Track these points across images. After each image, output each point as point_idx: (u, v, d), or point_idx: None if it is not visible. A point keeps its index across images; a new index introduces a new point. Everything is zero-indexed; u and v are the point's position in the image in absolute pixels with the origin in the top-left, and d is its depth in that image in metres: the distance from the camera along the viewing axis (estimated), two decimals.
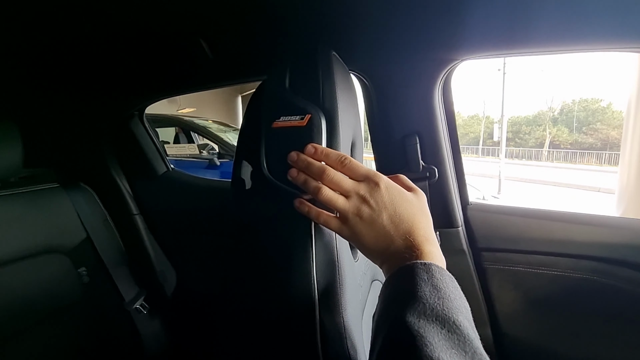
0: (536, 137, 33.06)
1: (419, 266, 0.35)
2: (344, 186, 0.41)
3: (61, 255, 0.95)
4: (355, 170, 0.41)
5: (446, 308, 0.31)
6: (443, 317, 0.30)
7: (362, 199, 0.40)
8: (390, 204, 0.39)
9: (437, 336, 0.28)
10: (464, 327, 0.29)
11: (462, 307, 0.33)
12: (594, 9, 0.58)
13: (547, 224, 0.82)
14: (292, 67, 0.50)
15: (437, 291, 0.32)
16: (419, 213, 0.40)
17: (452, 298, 0.32)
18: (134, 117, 1.08)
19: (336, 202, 0.40)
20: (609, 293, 0.75)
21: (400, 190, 0.41)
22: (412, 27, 0.67)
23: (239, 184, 0.54)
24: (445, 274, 0.35)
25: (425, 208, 0.42)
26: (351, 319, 0.43)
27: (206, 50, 0.76)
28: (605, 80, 45.85)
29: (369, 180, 0.40)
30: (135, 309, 1.06)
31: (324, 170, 0.41)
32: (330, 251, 0.44)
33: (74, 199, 1.00)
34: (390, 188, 0.40)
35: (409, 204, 0.40)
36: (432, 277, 0.34)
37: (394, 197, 0.39)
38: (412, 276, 0.34)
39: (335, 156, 0.42)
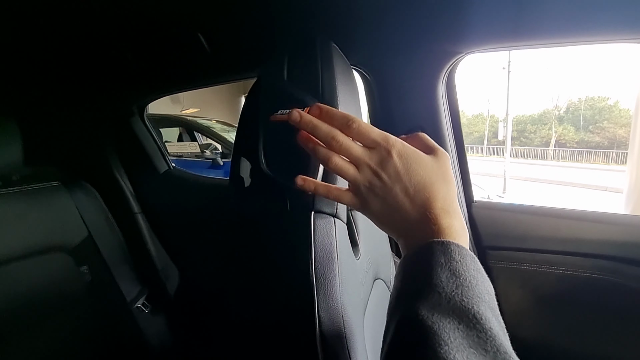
0: (542, 136, 32.79)
1: (436, 246, 0.31)
2: (354, 154, 0.35)
3: (63, 253, 0.95)
4: (365, 135, 0.35)
5: (465, 298, 0.27)
6: (461, 309, 0.26)
7: (373, 171, 0.35)
8: (405, 173, 0.34)
9: (453, 333, 0.25)
10: (485, 320, 0.26)
11: (485, 294, 0.28)
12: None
13: (553, 222, 0.80)
14: (290, 58, 0.49)
15: (456, 277, 0.28)
16: (437, 181, 0.35)
17: (472, 284, 0.28)
18: (134, 115, 1.08)
19: (347, 172, 0.36)
20: (618, 291, 0.73)
21: (417, 156, 0.35)
22: (414, 18, 0.65)
23: (237, 180, 0.53)
24: (465, 254, 0.31)
25: (446, 173, 0.36)
26: (351, 318, 0.42)
27: (204, 44, 0.75)
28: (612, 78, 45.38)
29: (379, 147, 0.35)
30: (138, 307, 1.06)
31: (333, 135, 0.35)
32: (330, 248, 0.43)
33: (76, 197, 1.00)
34: (404, 155, 0.34)
35: (426, 171, 0.34)
36: (450, 259, 0.30)
37: (408, 166, 0.34)
38: (428, 259, 0.30)
39: (342, 118, 0.36)
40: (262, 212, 0.50)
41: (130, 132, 1.08)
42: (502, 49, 0.68)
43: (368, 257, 0.62)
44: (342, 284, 0.42)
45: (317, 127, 0.36)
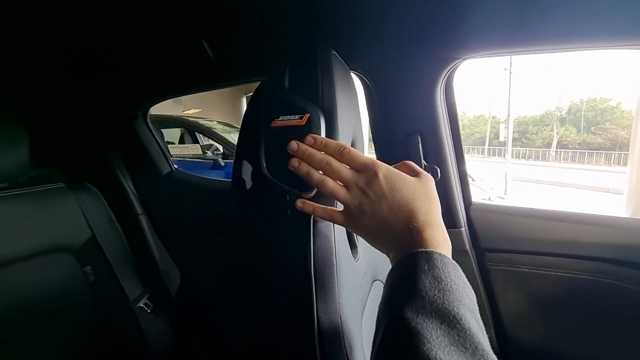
0: (543, 137, 32.70)
1: (420, 255, 0.34)
2: (344, 177, 0.40)
3: (67, 254, 0.96)
4: (354, 160, 0.40)
5: (447, 301, 0.29)
6: (443, 311, 0.29)
7: (362, 190, 0.39)
8: (389, 191, 0.38)
9: (435, 332, 0.27)
10: (465, 321, 0.28)
11: (465, 298, 0.31)
12: (602, 5, 0.57)
13: (551, 225, 0.81)
14: (291, 66, 0.50)
15: (438, 282, 0.31)
16: (420, 198, 0.38)
17: (453, 289, 0.31)
18: (138, 118, 1.10)
19: (338, 193, 0.40)
20: (616, 294, 0.74)
21: (400, 177, 0.39)
22: (413, 25, 0.66)
23: (239, 184, 0.55)
24: (447, 262, 0.34)
25: (429, 191, 0.40)
26: (349, 319, 0.43)
27: (208, 50, 0.76)
28: (614, 79, 45.20)
29: (367, 170, 0.39)
30: (140, 307, 1.08)
31: (326, 160, 0.41)
32: (328, 251, 0.44)
33: (80, 198, 1.02)
34: (389, 176, 0.39)
35: (408, 189, 0.38)
36: (433, 267, 0.32)
37: (392, 185, 0.38)
38: (413, 267, 0.33)
39: (335, 146, 0.42)
40: (263, 216, 0.52)
41: (133, 135, 1.10)
42: (499, 55, 0.69)
43: (367, 258, 0.63)
44: (341, 286, 0.43)
45: (312, 155, 0.42)
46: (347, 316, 0.43)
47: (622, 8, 0.56)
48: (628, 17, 0.57)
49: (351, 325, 0.43)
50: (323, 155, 0.41)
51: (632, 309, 0.73)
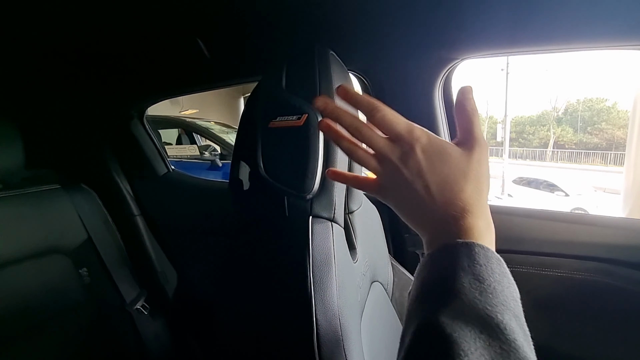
0: (540, 137, 32.84)
1: (460, 248, 0.29)
2: (375, 147, 0.34)
3: (62, 256, 0.95)
4: (389, 126, 0.33)
5: (489, 305, 0.25)
6: (485, 318, 0.25)
7: (394, 164, 0.33)
8: (428, 170, 0.32)
9: (474, 343, 0.23)
10: (509, 331, 0.24)
11: (511, 301, 0.27)
12: (598, 6, 0.57)
13: (549, 225, 0.81)
14: (288, 66, 0.50)
15: (480, 283, 0.27)
16: (464, 177, 0.32)
17: (497, 291, 0.27)
18: (134, 119, 1.09)
19: (369, 164, 0.35)
20: (614, 294, 0.74)
21: (442, 152, 0.33)
22: (411, 26, 0.66)
23: (236, 184, 0.54)
24: (491, 257, 0.29)
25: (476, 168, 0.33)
26: (348, 321, 0.43)
27: (203, 50, 0.76)
28: (610, 80, 45.53)
29: (403, 141, 0.33)
30: (137, 309, 1.06)
31: (356, 125, 0.34)
32: (327, 252, 0.43)
33: (75, 199, 1.00)
34: (428, 151, 0.33)
35: (450, 169, 0.32)
36: (474, 262, 0.28)
37: (432, 162, 0.32)
38: (451, 262, 0.29)
39: (367, 105, 0.34)
40: (260, 217, 0.51)
41: (129, 135, 1.09)
42: (496, 55, 0.69)
43: (365, 260, 0.63)
44: (339, 288, 0.42)
45: (341, 117, 0.35)
46: (346, 318, 0.42)
47: (620, 9, 0.56)
48: (625, 19, 0.57)
49: (350, 327, 0.43)
50: (353, 117, 0.35)
51: (629, 308, 0.73)
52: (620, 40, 0.60)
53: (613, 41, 0.61)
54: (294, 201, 0.46)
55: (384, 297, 0.69)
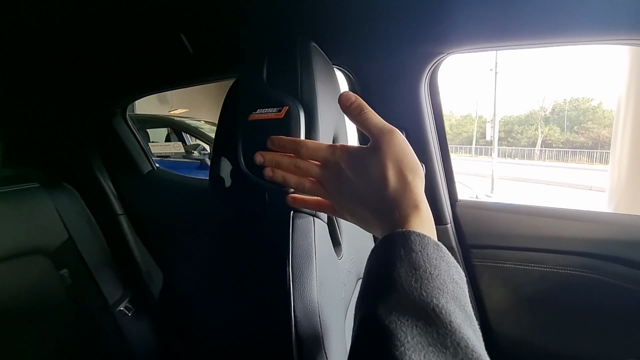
0: (528, 137, 33.41)
1: (397, 238, 0.30)
2: (314, 175, 0.39)
3: (42, 256, 0.93)
4: (314, 155, 0.39)
5: (424, 292, 0.25)
6: (420, 305, 0.25)
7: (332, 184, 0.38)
8: (356, 176, 0.36)
9: (411, 331, 0.23)
10: (445, 314, 0.24)
11: (449, 283, 0.27)
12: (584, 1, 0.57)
13: (535, 220, 0.82)
14: (270, 59, 0.49)
15: (415, 270, 0.27)
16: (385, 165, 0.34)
17: (434, 275, 0.27)
18: (116, 115, 1.06)
19: (318, 192, 0.39)
20: (598, 288, 0.75)
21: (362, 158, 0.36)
22: (396, 19, 0.65)
23: (217, 181, 0.53)
24: (427, 243, 0.29)
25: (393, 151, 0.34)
26: (329, 318, 0.42)
27: (187, 45, 0.74)
28: (595, 80, 46.54)
29: (328, 163, 0.38)
30: (120, 310, 1.04)
31: (294, 163, 0.39)
32: (307, 248, 0.43)
33: (56, 198, 0.98)
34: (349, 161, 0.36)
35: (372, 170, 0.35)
36: (409, 251, 0.28)
37: (357, 167, 0.36)
38: (389, 253, 0.29)
39: (291, 144, 0.40)
40: (242, 213, 0.50)
41: (112, 132, 1.06)
42: (482, 50, 0.69)
43: (351, 256, 0.62)
44: (320, 284, 0.42)
45: (279, 162, 0.40)
46: (327, 314, 0.41)
47: (606, 4, 0.57)
48: (610, 13, 0.57)
49: (331, 324, 0.42)
50: (290, 158, 0.40)
51: (613, 302, 0.74)
52: (607, 35, 0.61)
53: (599, 36, 0.61)
54: (275, 196, 0.45)
55: None
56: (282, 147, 0.40)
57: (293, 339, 0.39)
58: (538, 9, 0.61)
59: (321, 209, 0.42)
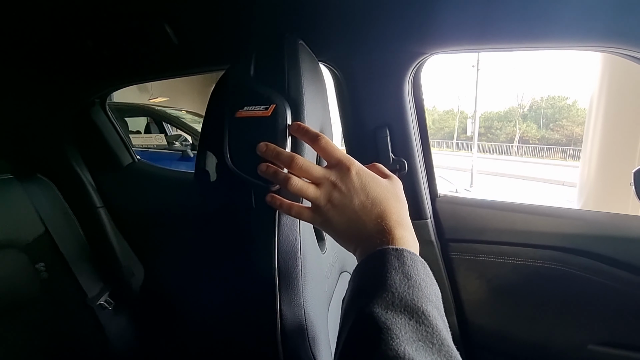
0: (507, 133, 34.36)
1: (390, 252, 0.34)
2: (314, 174, 0.40)
3: (16, 250, 0.90)
4: (330, 152, 0.40)
5: (416, 297, 0.30)
6: (412, 307, 0.29)
7: (333, 184, 0.39)
8: (362, 188, 0.38)
9: (404, 328, 0.28)
10: (432, 317, 0.29)
11: (432, 295, 0.32)
12: (561, 9, 0.60)
13: (509, 216, 0.86)
14: (257, 55, 0.49)
15: (408, 279, 0.31)
16: (392, 198, 0.39)
17: (422, 286, 0.32)
18: (95, 105, 1.03)
19: (306, 191, 0.39)
20: (565, 280, 0.80)
21: (373, 176, 0.40)
22: (382, 18, 0.66)
23: (202, 175, 0.53)
24: (417, 260, 0.34)
25: (399, 193, 0.41)
26: (314, 311, 0.43)
27: (170, 35, 0.72)
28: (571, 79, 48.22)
29: (340, 165, 0.39)
30: (100, 304, 1.03)
31: (292, 158, 0.40)
32: (293, 243, 0.44)
33: (30, 191, 0.94)
34: (361, 173, 0.39)
35: (381, 189, 0.39)
36: (403, 264, 0.33)
37: (365, 182, 0.39)
38: (383, 263, 0.33)
39: (313, 134, 0.41)
40: (227, 208, 0.50)
41: (90, 123, 1.03)
42: (464, 52, 0.71)
43: (334, 251, 0.63)
44: (305, 278, 0.43)
45: (279, 153, 0.41)
46: (312, 308, 0.43)
47: (579, 14, 0.60)
48: (585, 22, 0.61)
49: (315, 318, 0.43)
50: (290, 153, 0.41)
51: (580, 292, 0.79)
52: (582, 42, 0.64)
53: (575, 42, 0.64)
54: (261, 192, 0.45)
55: None
56: (304, 133, 0.42)
57: (278, 332, 0.40)
58: (519, 15, 0.63)
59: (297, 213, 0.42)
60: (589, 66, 35.71)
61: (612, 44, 0.62)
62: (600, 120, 2.08)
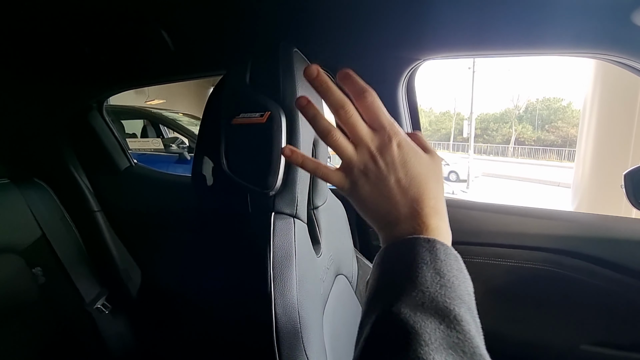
0: (503, 134, 34.55)
1: (422, 243, 0.30)
2: (358, 132, 0.33)
3: (13, 254, 0.90)
4: (375, 114, 0.33)
5: (448, 299, 0.27)
6: (443, 310, 0.26)
7: (371, 153, 0.33)
8: (402, 165, 0.33)
9: (434, 334, 0.25)
10: (465, 322, 0.26)
11: (465, 294, 0.29)
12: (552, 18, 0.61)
13: (504, 218, 0.87)
14: (253, 62, 0.50)
15: (440, 277, 0.28)
16: (432, 179, 0.34)
17: (455, 285, 0.28)
18: (92, 110, 1.03)
19: (344, 150, 0.34)
20: (558, 281, 0.81)
21: (416, 151, 0.34)
22: (375, 26, 0.68)
23: (199, 180, 0.53)
24: (450, 253, 0.31)
25: (439, 173, 0.35)
26: (308, 314, 0.44)
27: (167, 41, 0.73)
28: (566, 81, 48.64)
29: (383, 131, 0.33)
30: (97, 308, 1.03)
31: (343, 104, 0.33)
32: (288, 247, 0.44)
33: (28, 195, 0.95)
34: (404, 146, 0.34)
35: (422, 167, 0.34)
36: (435, 258, 0.29)
37: (407, 158, 0.33)
38: (413, 255, 0.30)
39: (361, 86, 0.33)
40: (223, 212, 0.51)
41: (88, 127, 1.03)
42: (456, 57, 0.72)
43: (330, 254, 0.64)
44: (299, 282, 0.43)
45: (330, 90, 0.33)
46: (306, 311, 0.43)
47: (569, 22, 0.61)
48: (574, 30, 0.62)
49: (310, 320, 0.44)
50: (342, 96, 0.33)
51: (572, 293, 0.80)
52: (570, 48, 0.65)
53: (567, 49, 0.66)
54: (257, 197, 0.46)
55: (347, 290, 0.71)
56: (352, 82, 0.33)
57: (273, 335, 0.41)
58: (511, 23, 0.65)
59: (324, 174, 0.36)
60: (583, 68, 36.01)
61: (602, 51, 0.64)
62: (593, 123, 2.11)
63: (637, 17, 0.57)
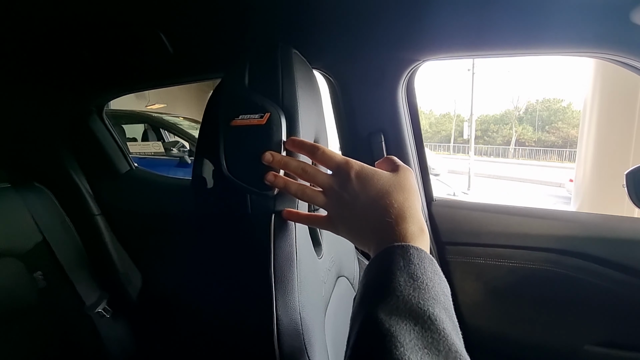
0: (503, 135, 34.56)
1: (396, 250, 0.33)
2: (320, 181, 0.41)
3: (13, 259, 0.90)
4: (329, 160, 0.41)
5: (422, 300, 0.29)
6: (417, 312, 0.28)
7: (337, 193, 0.39)
8: (362, 190, 0.38)
9: (409, 335, 0.26)
10: (439, 321, 0.27)
11: (440, 295, 0.30)
12: (552, 17, 0.62)
13: (505, 218, 0.86)
14: (251, 64, 0.50)
15: (414, 280, 0.30)
16: (394, 190, 0.38)
17: (429, 287, 0.30)
18: (92, 114, 1.03)
19: (317, 200, 0.41)
20: (560, 281, 0.80)
21: (374, 172, 0.39)
22: (374, 26, 0.68)
23: (199, 183, 0.53)
24: (424, 256, 0.33)
25: (403, 183, 0.39)
26: (310, 316, 0.44)
27: (166, 44, 0.73)
28: (566, 81, 48.70)
29: (340, 171, 0.40)
30: (97, 312, 1.02)
31: (302, 167, 0.41)
32: (289, 249, 0.44)
33: (28, 199, 0.95)
34: (360, 175, 0.39)
35: (382, 183, 0.38)
36: (408, 263, 0.31)
37: (365, 182, 0.38)
38: (389, 263, 0.32)
39: (310, 147, 0.42)
40: (223, 214, 0.51)
41: (88, 131, 1.03)
42: (455, 58, 0.72)
43: (331, 255, 0.64)
44: (301, 284, 0.43)
45: (288, 163, 0.42)
46: (308, 313, 0.43)
47: (570, 22, 0.61)
48: (574, 30, 0.62)
49: (312, 323, 0.43)
50: (298, 162, 0.42)
51: (574, 294, 0.80)
52: (569, 48, 0.66)
53: (567, 49, 0.66)
54: (257, 199, 0.46)
55: (349, 291, 0.71)
56: (301, 146, 0.43)
57: (275, 337, 0.40)
58: (511, 22, 0.65)
59: (314, 223, 0.44)
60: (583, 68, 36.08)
61: (602, 51, 0.64)
62: (594, 123, 2.11)
63: (637, 16, 0.57)
